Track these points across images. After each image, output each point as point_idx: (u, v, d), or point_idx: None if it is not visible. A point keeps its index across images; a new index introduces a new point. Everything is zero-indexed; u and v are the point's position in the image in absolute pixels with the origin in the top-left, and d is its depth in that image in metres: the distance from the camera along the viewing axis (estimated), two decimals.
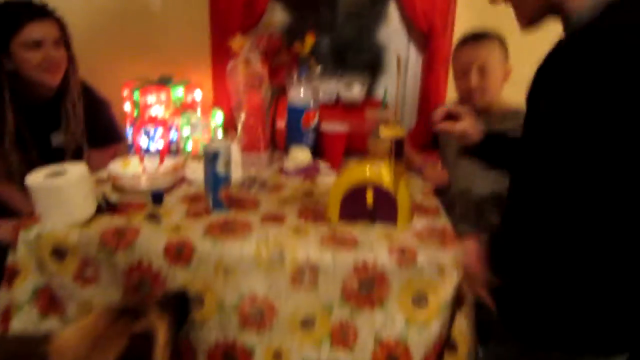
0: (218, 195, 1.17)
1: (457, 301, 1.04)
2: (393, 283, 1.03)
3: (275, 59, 1.72)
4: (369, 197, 1.12)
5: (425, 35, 1.84)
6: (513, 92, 1.44)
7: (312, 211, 1.22)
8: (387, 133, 1.12)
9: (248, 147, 1.47)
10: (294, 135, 1.57)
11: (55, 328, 1.09)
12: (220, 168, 1.15)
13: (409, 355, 1.03)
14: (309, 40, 1.82)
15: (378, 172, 1.13)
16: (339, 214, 1.16)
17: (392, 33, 2.02)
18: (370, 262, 1.02)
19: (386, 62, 2.11)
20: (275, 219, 1.16)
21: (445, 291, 1.03)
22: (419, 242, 1.08)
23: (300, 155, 1.51)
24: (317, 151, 1.60)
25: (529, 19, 0.86)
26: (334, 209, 1.17)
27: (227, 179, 1.18)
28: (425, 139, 1.73)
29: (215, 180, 1.17)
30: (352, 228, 1.13)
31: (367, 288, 1.03)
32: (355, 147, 1.67)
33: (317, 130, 1.57)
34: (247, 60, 1.53)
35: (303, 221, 1.16)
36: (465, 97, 1.52)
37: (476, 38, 1.47)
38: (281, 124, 1.59)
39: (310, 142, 1.58)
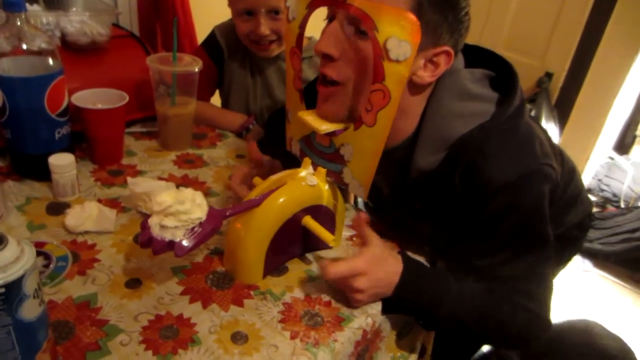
0: None
1: None
2: (385, 329, 0.74)
3: None
4: (316, 227, 0.70)
5: None
6: None
7: (212, 285, 0.69)
8: (322, 125, 0.68)
9: None
10: (31, 132, 0.81)
11: None
12: (27, 310, 0.47)
13: None
14: None
15: (315, 187, 0.70)
16: (264, 269, 0.70)
17: None
18: (369, 327, 0.68)
19: None
20: (177, 338, 0.60)
21: None
22: None
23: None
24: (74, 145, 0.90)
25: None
26: (255, 267, 0.69)
27: (44, 320, 0.50)
28: None
29: (25, 340, 0.48)
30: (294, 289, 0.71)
31: (362, 355, 0.70)
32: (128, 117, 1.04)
33: (68, 110, 0.86)
34: None
35: (219, 312, 0.65)
36: (248, 40, 1.12)
37: None
38: None
39: (66, 135, 0.86)
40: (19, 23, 0.76)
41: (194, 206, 0.59)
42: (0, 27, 0.76)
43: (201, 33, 1.40)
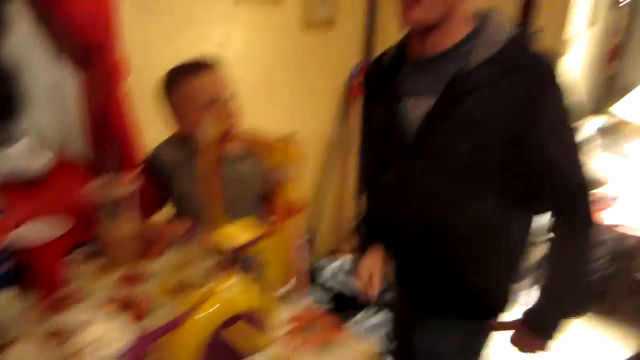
0: None
1: None
2: None
3: None
4: (242, 337, 0.72)
5: (86, 49, 1.30)
6: None
7: None
8: (233, 238, 0.73)
9: None
10: None
11: None
12: None
13: None
14: None
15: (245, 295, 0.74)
16: None
17: (23, 46, 1.31)
18: None
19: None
20: None
21: None
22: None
23: None
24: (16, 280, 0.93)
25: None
26: None
27: None
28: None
29: None
30: None
31: None
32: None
33: (8, 250, 0.89)
34: None
35: None
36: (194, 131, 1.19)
37: (203, 67, 1.16)
38: None
39: (6, 273, 0.89)
40: None
41: (113, 341, 0.62)
42: None
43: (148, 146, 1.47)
